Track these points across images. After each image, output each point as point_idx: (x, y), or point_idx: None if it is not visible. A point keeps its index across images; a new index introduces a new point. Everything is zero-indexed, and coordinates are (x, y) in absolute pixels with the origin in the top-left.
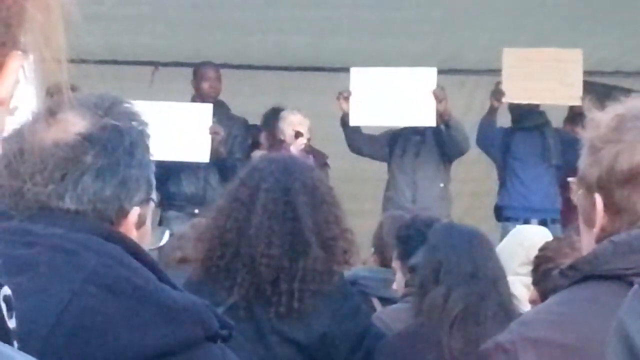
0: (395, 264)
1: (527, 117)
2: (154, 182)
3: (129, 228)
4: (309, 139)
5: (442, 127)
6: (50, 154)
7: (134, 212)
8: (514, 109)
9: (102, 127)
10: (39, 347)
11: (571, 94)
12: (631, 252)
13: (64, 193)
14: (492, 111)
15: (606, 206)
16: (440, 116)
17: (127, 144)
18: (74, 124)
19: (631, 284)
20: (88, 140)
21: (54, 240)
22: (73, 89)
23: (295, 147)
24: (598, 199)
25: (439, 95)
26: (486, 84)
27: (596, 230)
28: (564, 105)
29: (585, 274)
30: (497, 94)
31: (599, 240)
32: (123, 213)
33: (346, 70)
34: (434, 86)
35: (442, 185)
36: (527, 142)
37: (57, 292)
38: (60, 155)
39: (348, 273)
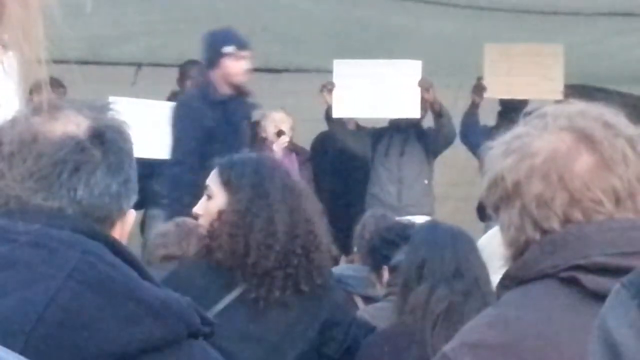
0: (371, 276)
1: (511, 114)
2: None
3: (126, 230)
4: (291, 137)
5: (433, 116)
6: (59, 146)
7: (131, 214)
8: (503, 103)
9: (108, 125)
10: (21, 344)
11: (553, 89)
12: (555, 250)
13: (76, 184)
14: (474, 107)
15: None
16: (431, 105)
17: (128, 145)
18: (81, 120)
19: (561, 280)
20: (97, 136)
21: (35, 237)
22: (59, 85)
23: (278, 146)
24: None
25: (425, 84)
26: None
27: None
28: (546, 100)
29: (520, 279)
30: (479, 89)
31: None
32: (121, 213)
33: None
34: (418, 78)
35: (426, 182)
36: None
37: (39, 289)
38: (74, 147)
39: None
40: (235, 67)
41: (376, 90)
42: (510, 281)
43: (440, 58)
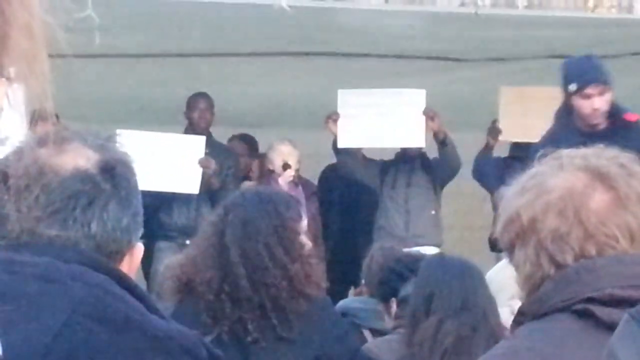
0: (380, 307)
1: (524, 148)
2: None
3: (134, 263)
4: (297, 170)
5: (437, 145)
6: (71, 181)
7: (140, 248)
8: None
9: (116, 159)
10: None
11: None
12: (568, 284)
13: (90, 219)
14: (488, 148)
15: None
16: (435, 135)
17: (134, 178)
18: (90, 153)
19: (574, 313)
20: (108, 170)
21: (43, 270)
22: (57, 117)
23: (283, 179)
24: None
25: (431, 114)
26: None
27: None
28: None
29: (533, 315)
30: (494, 132)
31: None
32: (130, 247)
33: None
34: (422, 107)
35: (433, 212)
36: (523, 172)
37: (46, 322)
38: (86, 182)
39: (339, 304)
40: (583, 106)
41: (381, 119)
42: (524, 318)
43: (456, 107)
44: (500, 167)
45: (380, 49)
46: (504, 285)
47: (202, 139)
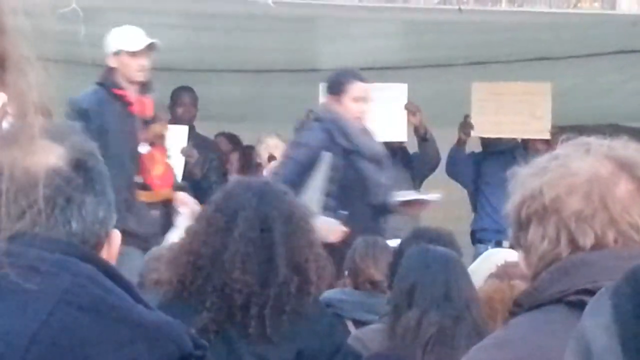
0: None
1: (498, 140)
2: None
3: (112, 250)
4: None
5: (418, 140)
6: (47, 182)
7: (116, 234)
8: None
9: (86, 152)
10: None
11: (540, 127)
12: (566, 275)
13: (69, 217)
14: (461, 143)
15: None
16: (416, 130)
17: (105, 168)
18: (60, 150)
19: (569, 304)
20: (80, 166)
21: (28, 260)
22: (46, 114)
23: (268, 172)
24: None
25: (412, 109)
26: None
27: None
28: (533, 138)
29: (528, 306)
30: (466, 127)
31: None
32: (107, 235)
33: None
34: (404, 102)
35: None
36: (498, 165)
37: (32, 312)
38: (61, 181)
39: (323, 295)
40: None
41: None
42: (519, 309)
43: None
44: (475, 162)
45: None
46: (486, 276)
47: (184, 129)
